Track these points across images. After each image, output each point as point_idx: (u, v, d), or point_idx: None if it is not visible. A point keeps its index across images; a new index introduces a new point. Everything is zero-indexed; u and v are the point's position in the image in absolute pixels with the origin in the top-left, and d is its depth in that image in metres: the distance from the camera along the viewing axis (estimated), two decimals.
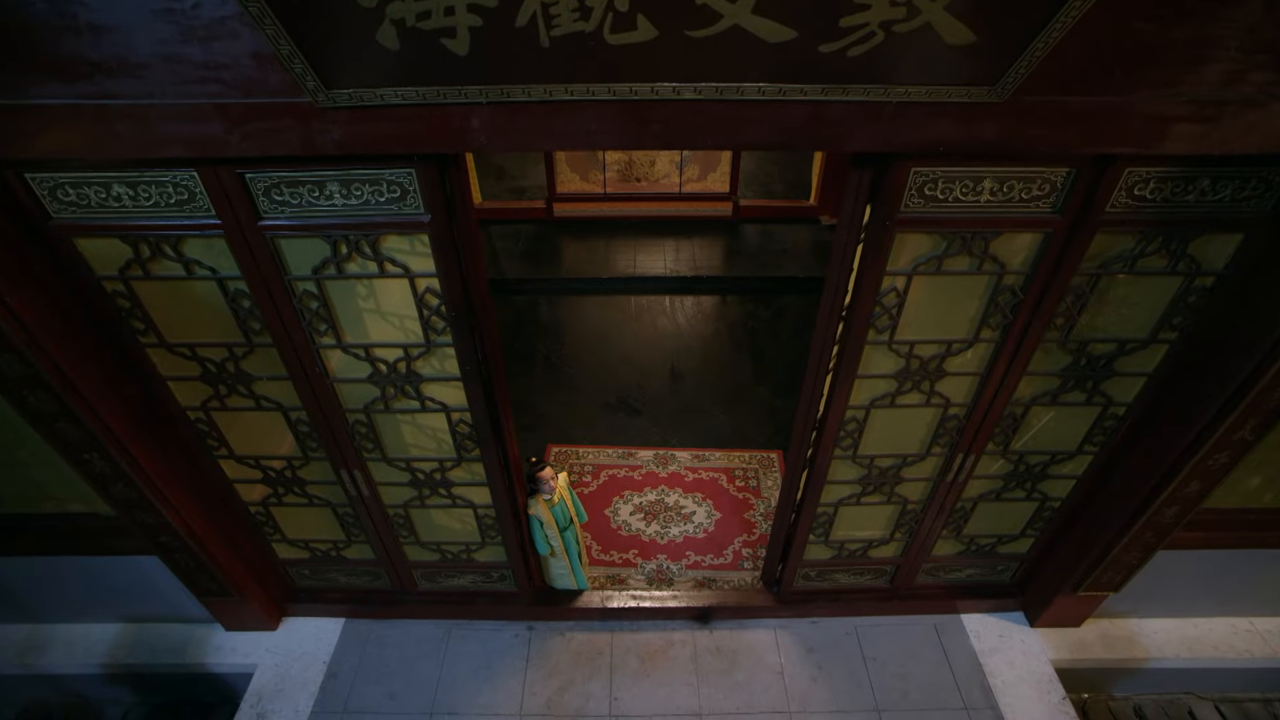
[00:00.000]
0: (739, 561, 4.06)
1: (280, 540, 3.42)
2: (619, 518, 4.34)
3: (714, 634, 3.69)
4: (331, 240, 2.23)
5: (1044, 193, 2.14)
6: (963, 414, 2.82)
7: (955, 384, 2.72)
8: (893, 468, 3.05)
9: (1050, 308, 2.42)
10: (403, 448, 2.96)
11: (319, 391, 2.68)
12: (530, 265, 6.87)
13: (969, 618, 3.76)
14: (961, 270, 2.35)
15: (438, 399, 2.74)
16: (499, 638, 3.68)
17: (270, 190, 2.11)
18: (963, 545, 3.51)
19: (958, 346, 2.58)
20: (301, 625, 3.73)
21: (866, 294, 2.39)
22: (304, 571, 3.63)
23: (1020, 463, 3.05)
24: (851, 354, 2.57)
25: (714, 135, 1.90)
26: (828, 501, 3.20)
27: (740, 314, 6.35)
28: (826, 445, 2.91)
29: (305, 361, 2.58)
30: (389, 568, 3.56)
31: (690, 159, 7.19)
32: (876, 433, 2.90)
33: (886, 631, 3.70)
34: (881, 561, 3.56)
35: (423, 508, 3.23)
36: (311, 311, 2.42)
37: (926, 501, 3.21)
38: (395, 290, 2.41)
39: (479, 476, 3.05)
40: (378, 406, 2.77)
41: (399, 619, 3.75)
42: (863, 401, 2.77)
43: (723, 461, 4.74)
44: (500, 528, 3.28)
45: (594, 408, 5.24)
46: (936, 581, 3.72)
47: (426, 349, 2.57)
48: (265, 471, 3.04)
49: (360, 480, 3.03)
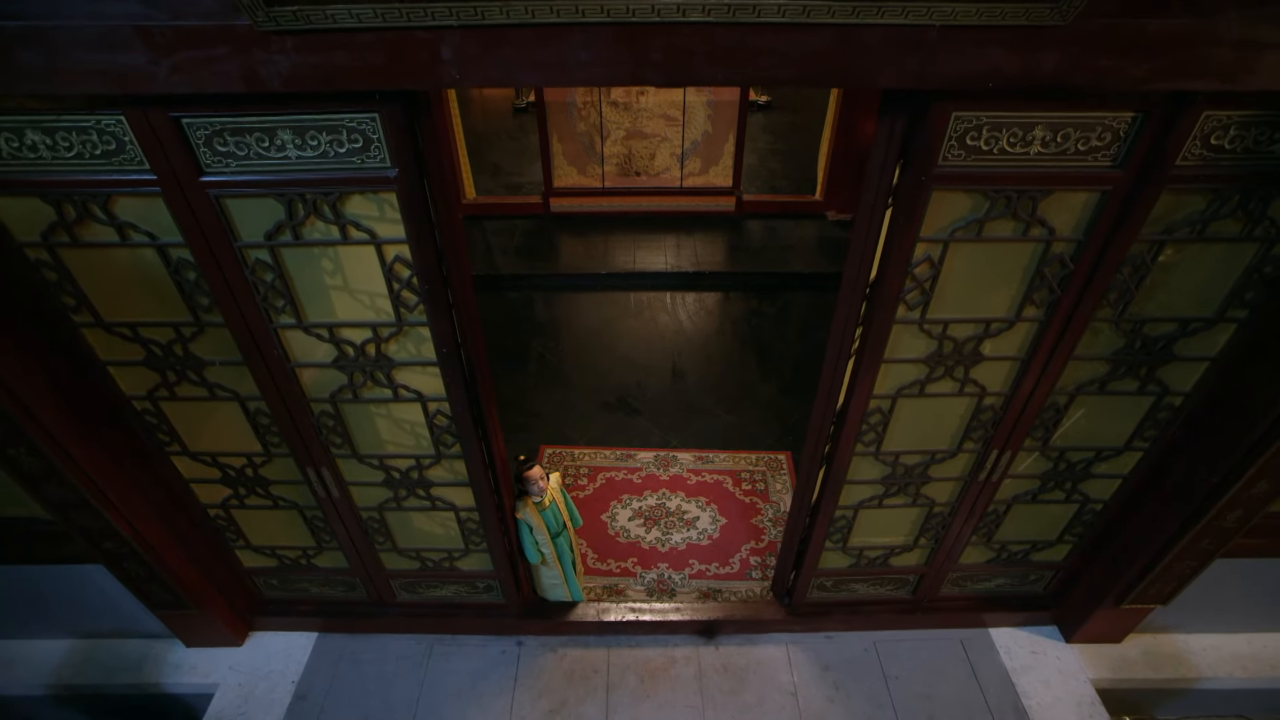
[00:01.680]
0: (746, 570, 3.75)
1: (244, 547, 3.11)
2: (617, 523, 4.03)
3: (720, 650, 3.38)
4: (286, 200, 1.95)
5: (1104, 143, 1.86)
6: (999, 405, 2.53)
7: (992, 370, 2.43)
8: (919, 466, 2.75)
9: (1104, 281, 2.14)
10: (375, 443, 2.66)
11: (279, 378, 2.39)
12: (525, 261, 6.60)
13: (998, 632, 3.44)
14: (1005, 237, 2.07)
15: (412, 387, 2.45)
16: (485, 654, 3.36)
17: (212, 139, 1.83)
18: (993, 552, 3.20)
19: (997, 327, 2.29)
20: (270, 641, 3.41)
21: (896, 265, 2.10)
22: (271, 581, 3.32)
23: (1060, 460, 2.75)
24: (877, 335, 2.28)
25: (723, 67, 1.62)
26: (847, 504, 2.90)
27: (744, 311, 6.07)
28: (847, 440, 2.61)
29: (262, 343, 2.29)
30: (364, 577, 3.25)
31: (691, 152, 6.94)
32: (903, 426, 2.60)
33: (909, 647, 3.39)
34: (904, 570, 3.25)
35: (399, 510, 2.92)
36: (266, 285, 2.14)
37: (955, 504, 2.91)
38: (362, 260, 2.12)
39: (460, 475, 2.75)
40: (345, 395, 2.47)
41: (376, 633, 3.43)
42: (888, 390, 2.47)
43: (728, 463, 4.44)
44: (485, 533, 2.98)
45: (591, 407, 4.95)
46: (963, 592, 3.41)
47: (398, 329, 2.28)
48: (224, 470, 2.75)
49: (329, 480, 2.73)
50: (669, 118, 6.70)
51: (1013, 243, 2.08)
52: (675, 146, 6.89)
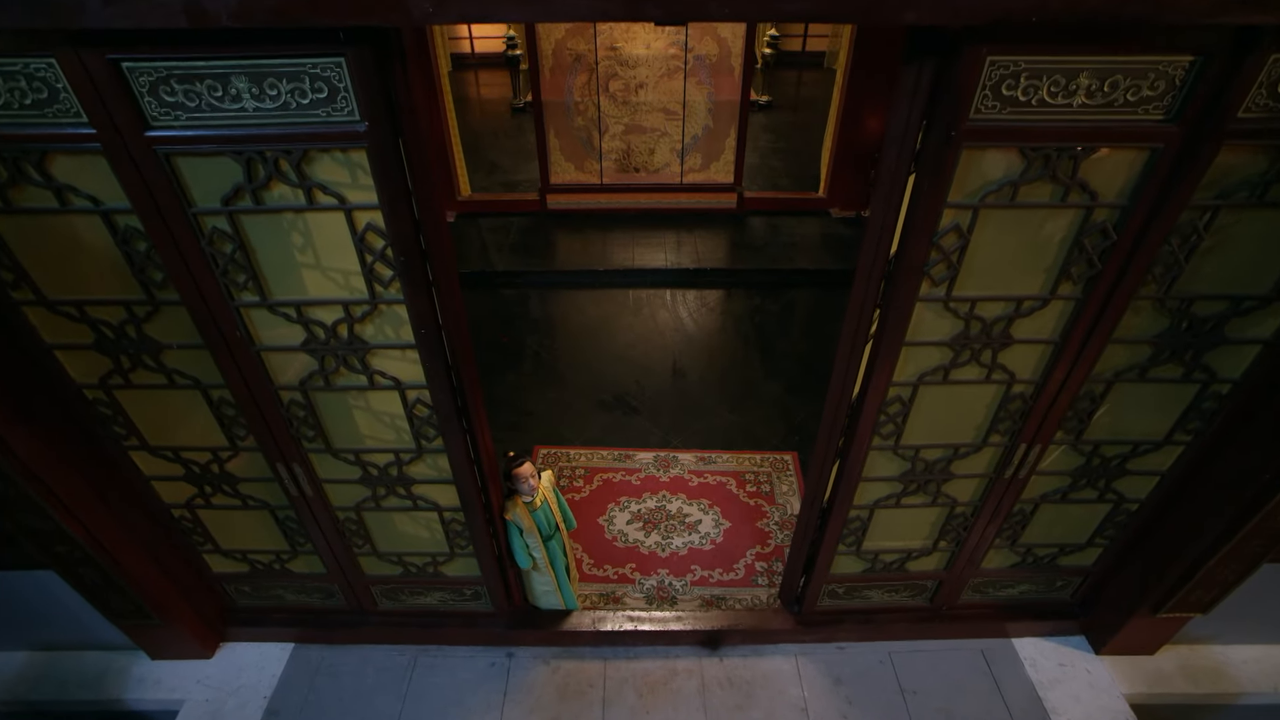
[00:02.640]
0: (752, 577, 3.53)
1: (212, 551, 2.89)
2: (614, 527, 3.81)
3: (725, 662, 3.15)
4: (244, 159, 1.75)
5: (1157, 93, 1.66)
6: (1029, 393, 2.32)
7: (1023, 355, 2.23)
8: (941, 461, 2.54)
9: (1149, 253, 1.94)
10: (351, 436, 2.45)
11: (243, 363, 2.18)
12: (521, 258, 6.41)
13: (1023, 643, 3.22)
14: (1041, 203, 1.87)
15: (389, 373, 2.24)
16: (472, 667, 3.13)
17: (158, 87, 1.63)
18: (1017, 556, 2.98)
19: (1029, 306, 2.09)
20: (241, 652, 3.18)
21: (920, 234, 1.90)
22: (243, 588, 3.09)
23: (1094, 455, 2.54)
24: (898, 314, 2.08)
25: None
26: (861, 503, 2.68)
27: (747, 308, 5.87)
28: (863, 433, 2.40)
29: (223, 324, 2.08)
30: (342, 583, 3.03)
31: (692, 147, 6.77)
32: (924, 417, 2.39)
33: (927, 659, 3.16)
34: (922, 576, 3.03)
35: (378, 510, 2.71)
36: (226, 257, 1.94)
37: (979, 503, 2.69)
38: (331, 230, 1.92)
39: (443, 472, 2.54)
40: (316, 383, 2.27)
41: (356, 644, 3.20)
42: (909, 377, 2.27)
43: (731, 464, 4.22)
44: (471, 535, 2.76)
45: (588, 406, 4.74)
46: (985, 600, 3.18)
47: (372, 308, 2.07)
48: (187, 466, 2.53)
49: (301, 476, 2.52)
50: (669, 111, 6.54)
51: (1050, 210, 1.88)
52: (675, 141, 6.72)
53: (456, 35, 12.83)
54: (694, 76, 6.33)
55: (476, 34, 12.88)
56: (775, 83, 11.13)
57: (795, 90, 11.71)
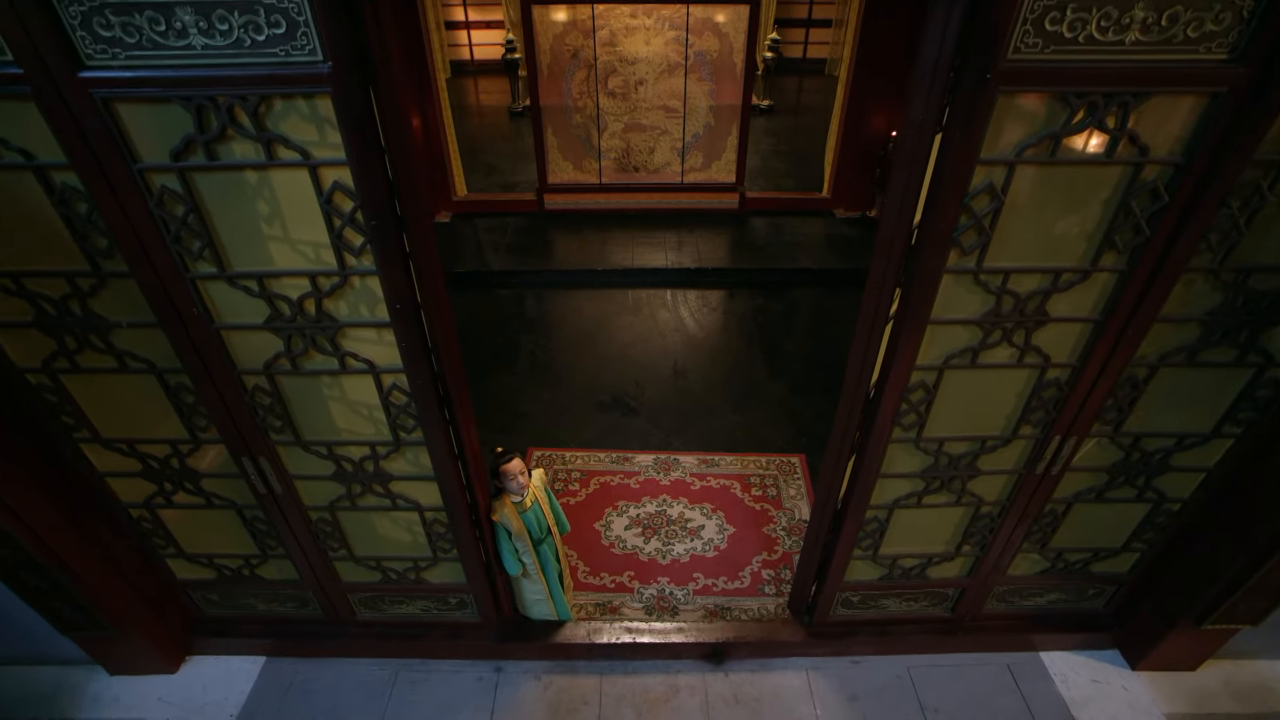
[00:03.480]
0: (758, 585, 3.30)
1: (176, 555, 2.67)
2: (612, 532, 3.59)
3: (730, 678, 2.91)
4: (194, 106, 1.56)
5: (1221, 27, 1.47)
6: (1066, 378, 2.11)
7: (1059, 335, 2.02)
8: (967, 456, 2.32)
9: (1205, 218, 1.74)
10: (322, 427, 2.24)
11: (201, 344, 1.98)
12: (517, 257, 6.23)
13: (1052, 657, 2.98)
14: (1086, 159, 1.68)
15: (362, 355, 2.04)
16: (458, 682, 2.90)
17: (91, 19, 1.44)
18: (1047, 562, 2.76)
19: (1068, 279, 1.89)
20: (209, 667, 2.95)
21: (949, 195, 1.71)
22: (211, 596, 2.87)
23: (1134, 449, 2.32)
24: (923, 289, 1.88)
25: None
26: (879, 503, 2.47)
27: (750, 308, 5.68)
28: (882, 424, 2.19)
29: (178, 298, 1.88)
30: (318, 590, 2.80)
31: (693, 146, 6.62)
32: (949, 406, 2.19)
33: (948, 674, 2.92)
34: (943, 583, 2.81)
35: (354, 510, 2.49)
36: (178, 221, 1.74)
37: (1007, 503, 2.47)
38: (295, 190, 1.72)
39: (424, 468, 2.33)
40: (282, 366, 2.06)
41: (333, 657, 2.97)
42: (934, 360, 2.06)
43: (735, 467, 4.00)
44: (455, 538, 2.54)
45: (584, 407, 4.52)
46: (1010, 610, 2.95)
47: (342, 280, 1.88)
48: (144, 461, 2.32)
49: (269, 472, 2.31)
50: (669, 109, 6.39)
51: (1095, 167, 1.69)
52: (676, 140, 6.57)
53: (456, 43, 12.79)
54: (694, 73, 6.19)
55: (476, 41, 12.83)
56: (776, 89, 11.04)
57: (796, 96, 11.63)
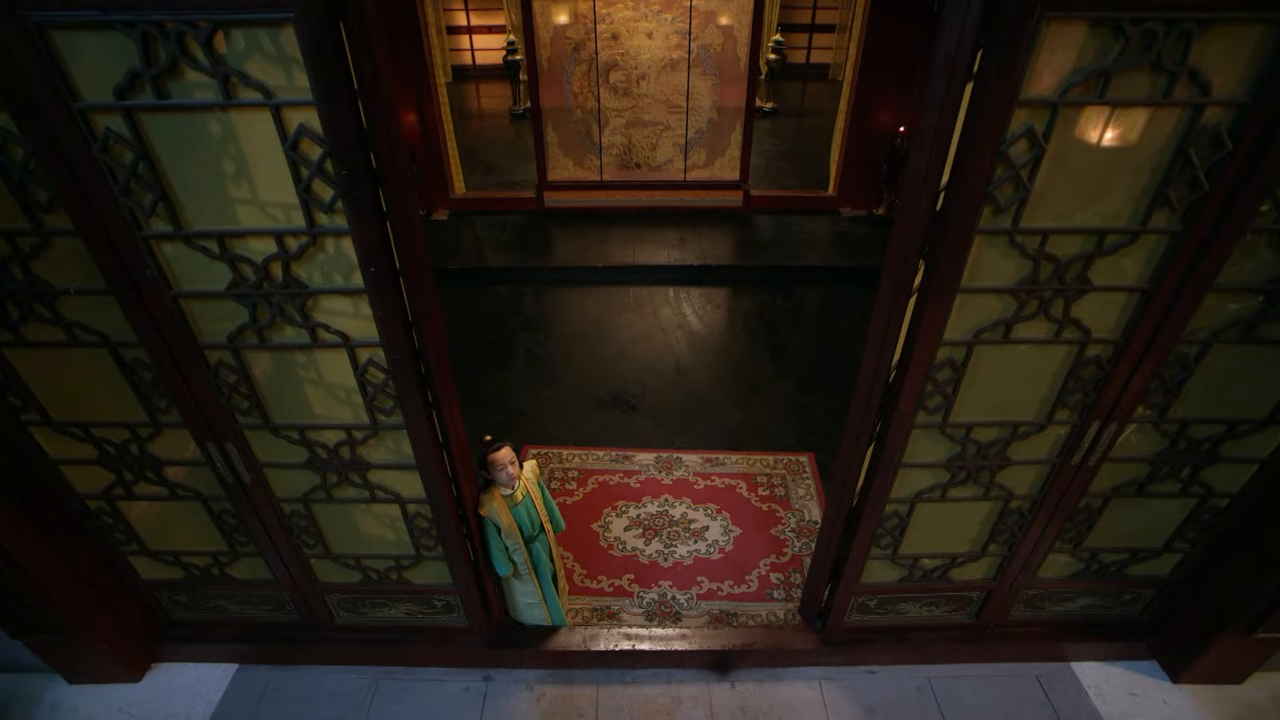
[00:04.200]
0: (766, 590, 3.09)
1: (139, 553, 2.48)
2: (610, 534, 3.38)
3: (737, 689, 2.70)
4: (139, 34, 1.40)
5: None
6: (1108, 356, 1.92)
7: (1102, 306, 1.84)
8: (996, 444, 2.13)
9: (1273, 168, 1.56)
10: (293, 409, 2.06)
11: (157, 313, 1.80)
12: (516, 254, 6.07)
13: (1084, 668, 2.76)
14: (1136, 100, 1.50)
15: (335, 327, 1.86)
16: (444, 692, 2.68)
17: None
18: (1080, 563, 2.55)
19: (1114, 240, 1.71)
20: (176, 675, 2.74)
21: (983, 143, 1.53)
22: (178, 598, 2.67)
23: (1180, 437, 2.13)
24: (953, 252, 1.69)
25: None
26: (900, 496, 2.27)
27: (755, 305, 5.50)
28: (905, 407, 2.00)
29: (130, 261, 1.71)
30: (293, 592, 2.60)
31: (696, 142, 6.48)
32: (978, 388, 2.00)
33: (973, 686, 2.70)
34: (967, 586, 2.60)
35: (330, 502, 2.30)
36: (126, 170, 1.57)
37: (1039, 497, 2.27)
38: (260, 136, 1.55)
39: (405, 456, 2.14)
40: (248, 339, 1.88)
41: (309, 665, 2.76)
42: (963, 334, 1.88)
43: (741, 466, 3.80)
44: (439, 533, 2.34)
45: (583, 404, 4.33)
46: (1039, 616, 2.74)
47: (311, 240, 1.70)
48: (101, 447, 2.14)
49: (237, 459, 2.12)
50: (671, 104, 6.26)
51: (1148, 109, 1.52)
52: (678, 136, 6.44)
53: (457, 48, 12.75)
54: (697, 67, 6.06)
55: (478, 46, 12.79)
56: (779, 93, 10.94)
57: (800, 101, 11.53)
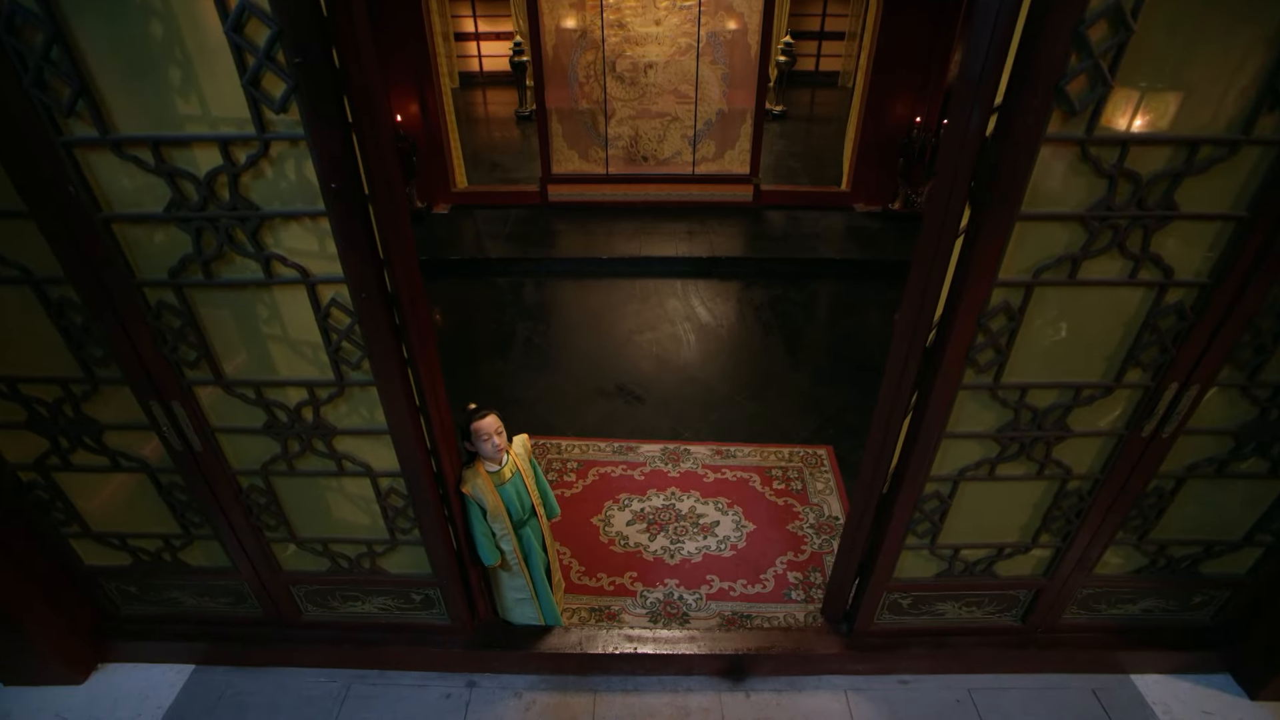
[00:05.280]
0: (783, 590, 2.78)
1: (81, 535, 2.21)
2: (612, 528, 3.09)
3: (752, 699, 2.38)
4: None
5: None
6: (1192, 301, 1.65)
7: (1188, 238, 1.57)
8: (1055, 409, 1.84)
9: None
10: (250, 362, 1.80)
11: (85, 241, 1.56)
12: (517, 246, 5.85)
13: (1146, 681, 2.43)
14: None
15: (294, 260, 1.61)
16: (422, 699, 2.39)
17: None
18: (1144, 558, 2.24)
19: (1208, 155, 1.44)
20: (123, 676, 2.45)
21: (1060, 19, 1.28)
22: (127, 589, 2.39)
23: (1274, 404, 1.84)
24: (1016, 163, 1.43)
25: None
26: (942, 473, 1.98)
27: (767, 298, 5.24)
28: (951, 364, 1.73)
29: (49, 172, 1.47)
30: (254, 582, 2.32)
31: (705, 134, 6.28)
32: (1035, 342, 1.72)
33: (1019, 699, 2.38)
34: (1014, 583, 2.29)
35: (293, 475, 2.03)
36: (37, 56, 1.34)
37: (1101, 476, 1.98)
38: (195, 9, 1.32)
39: (376, 421, 1.88)
40: (193, 275, 1.63)
41: (273, 666, 2.47)
42: (1022, 274, 1.61)
43: (754, 458, 3.51)
44: (416, 513, 2.07)
45: (584, 394, 4.07)
46: (1094, 619, 2.42)
47: (262, 149, 1.46)
48: (30, 407, 1.88)
49: (185, 422, 1.86)
50: (680, 94, 6.07)
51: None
52: (686, 127, 6.24)
53: (465, 54, 12.73)
54: (706, 56, 5.89)
55: (485, 53, 12.77)
56: (789, 99, 10.81)
57: (809, 106, 11.40)
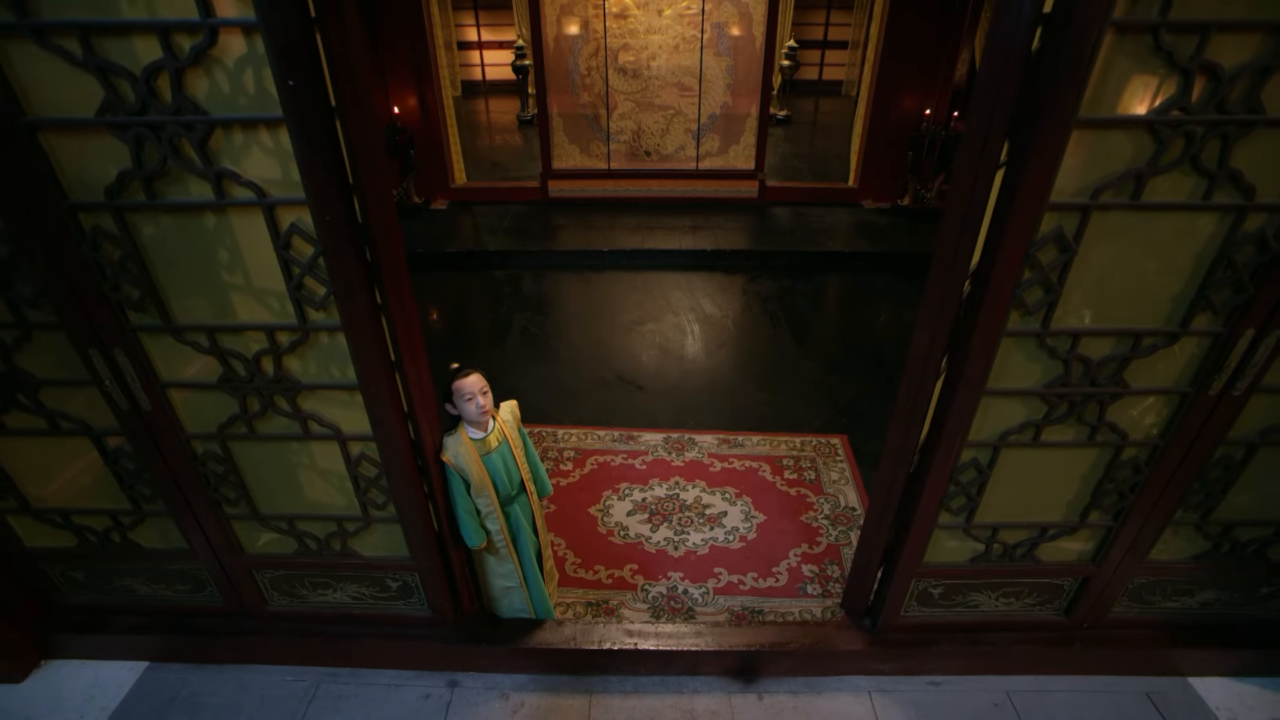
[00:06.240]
0: (798, 584, 2.54)
1: (19, 511, 1.98)
2: (610, 518, 2.86)
3: (765, 701, 2.13)
4: None
5: None
6: (1276, 230, 1.44)
7: (1274, 149, 1.36)
8: (1111, 362, 1.62)
9: None
10: (202, 304, 1.60)
11: (9, 148, 1.37)
12: (516, 239, 5.69)
13: (1207, 684, 2.18)
14: None
15: (249, 176, 1.41)
16: (398, 700, 2.14)
17: None
18: (1206, 541, 2.00)
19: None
20: (70, 674, 2.22)
21: None
22: (74, 575, 2.17)
23: None
24: (1078, 53, 1.23)
25: None
26: (982, 438, 1.76)
27: (775, 289, 5.05)
28: (993, 305, 1.51)
29: None
30: (213, 566, 2.09)
31: (709, 128, 6.15)
32: (1093, 279, 1.51)
33: (1064, 703, 2.13)
34: (1058, 570, 2.05)
35: (253, 439, 1.81)
36: None
37: (1160, 443, 1.75)
38: None
39: (346, 376, 1.67)
40: (134, 197, 1.44)
41: (235, 664, 2.23)
42: (1077, 195, 1.40)
43: (764, 447, 3.29)
44: (390, 483, 1.85)
45: (583, 383, 3.86)
46: (1147, 614, 2.17)
47: (209, 37, 1.27)
48: None
49: (130, 374, 1.66)
50: (683, 87, 5.95)
51: None
52: (690, 121, 6.11)
53: (468, 63, 12.74)
54: (711, 47, 5.77)
55: (488, 62, 12.77)
56: (792, 106, 10.74)
57: (813, 113, 11.33)
